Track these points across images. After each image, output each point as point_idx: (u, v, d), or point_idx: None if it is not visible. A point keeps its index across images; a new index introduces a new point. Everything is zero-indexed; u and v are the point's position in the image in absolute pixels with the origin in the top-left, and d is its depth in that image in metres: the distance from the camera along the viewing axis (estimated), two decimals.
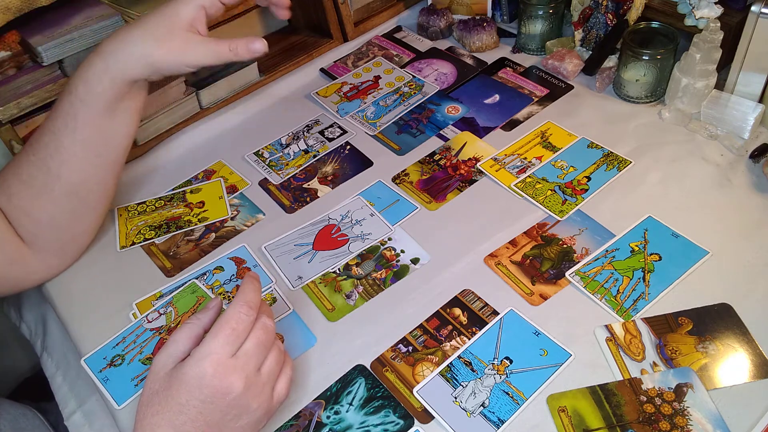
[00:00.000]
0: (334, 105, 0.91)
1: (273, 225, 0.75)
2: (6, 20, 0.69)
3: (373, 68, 0.96)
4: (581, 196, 0.73)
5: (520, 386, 0.56)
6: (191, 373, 0.48)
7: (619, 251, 0.66)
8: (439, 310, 0.64)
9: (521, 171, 0.77)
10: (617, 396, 0.55)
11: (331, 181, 0.80)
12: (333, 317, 0.64)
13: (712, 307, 0.60)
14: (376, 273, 0.68)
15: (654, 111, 0.83)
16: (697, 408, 0.53)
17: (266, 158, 0.84)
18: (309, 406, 0.57)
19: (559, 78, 0.90)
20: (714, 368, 0.56)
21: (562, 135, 0.81)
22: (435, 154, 0.81)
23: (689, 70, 0.77)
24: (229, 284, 0.69)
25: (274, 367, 0.52)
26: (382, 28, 1.05)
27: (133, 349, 0.63)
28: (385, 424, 0.55)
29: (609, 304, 0.62)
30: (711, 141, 0.77)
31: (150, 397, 0.49)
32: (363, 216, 0.74)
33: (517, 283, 0.65)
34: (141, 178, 0.83)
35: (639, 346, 0.58)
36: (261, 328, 0.51)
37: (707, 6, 0.76)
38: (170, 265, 0.72)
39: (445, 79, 0.93)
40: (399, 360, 0.60)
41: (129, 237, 0.75)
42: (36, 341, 0.80)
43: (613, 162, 0.76)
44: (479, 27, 0.96)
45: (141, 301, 0.68)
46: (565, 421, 0.53)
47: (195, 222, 0.76)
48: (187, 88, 0.86)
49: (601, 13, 0.89)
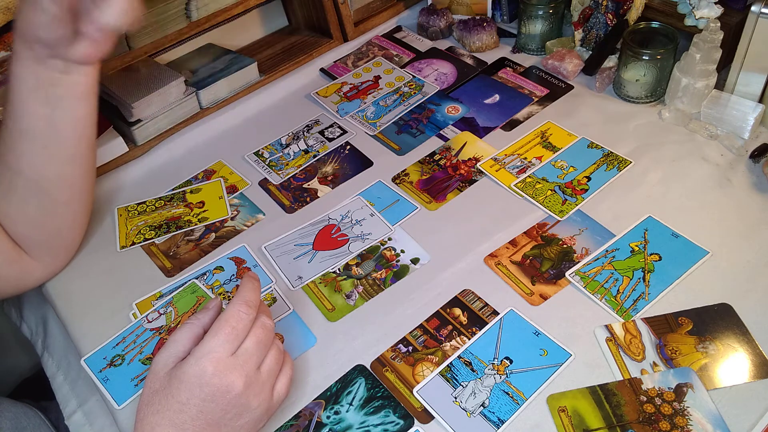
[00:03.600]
0: (334, 105, 0.91)
1: (273, 225, 0.75)
2: (6, 20, 0.69)
3: (373, 68, 0.96)
4: (581, 196, 0.73)
5: (520, 386, 0.56)
6: (191, 372, 0.48)
7: (619, 251, 0.66)
8: (439, 310, 0.64)
9: (521, 171, 0.77)
10: (617, 396, 0.55)
11: (331, 181, 0.80)
12: (333, 317, 0.64)
13: (712, 307, 0.60)
14: (376, 273, 0.68)
15: (654, 111, 0.83)
16: (697, 408, 0.53)
17: (266, 158, 0.84)
18: (309, 406, 0.57)
19: (559, 78, 0.90)
20: (714, 368, 0.56)
21: (562, 135, 0.81)
22: (435, 154, 0.81)
23: (689, 70, 0.77)
24: (229, 284, 0.69)
25: (273, 366, 0.52)
26: (382, 28, 1.05)
27: (133, 349, 0.63)
28: (385, 424, 0.55)
29: (609, 304, 0.62)
30: (711, 141, 0.77)
31: (150, 396, 0.49)
32: (363, 216, 0.74)
33: (517, 283, 0.65)
34: (141, 178, 0.83)
35: (639, 346, 0.58)
36: (260, 327, 0.51)
37: (707, 6, 0.76)
38: (170, 265, 0.72)
39: (445, 79, 0.93)
40: (399, 360, 0.60)
41: (129, 237, 0.75)
42: (37, 341, 0.80)
43: (613, 162, 0.76)
44: (479, 27, 0.96)
45: (141, 301, 0.68)
46: (565, 421, 0.54)
47: (195, 222, 0.76)
48: (187, 88, 0.86)
49: (601, 13, 0.89)
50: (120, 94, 0.82)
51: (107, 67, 0.77)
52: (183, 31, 0.83)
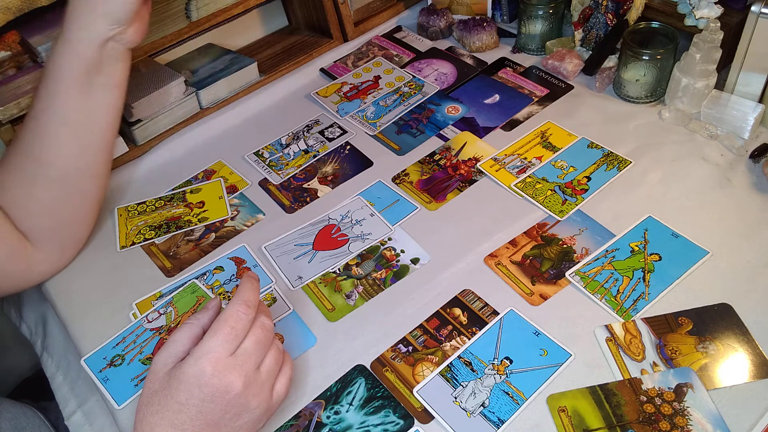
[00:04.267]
0: (334, 105, 0.91)
1: (273, 225, 0.75)
2: (6, 20, 0.70)
3: (373, 68, 0.96)
4: (581, 196, 0.73)
5: (520, 386, 0.56)
6: (190, 372, 0.48)
7: (619, 251, 0.66)
8: (439, 310, 0.64)
9: (521, 171, 0.77)
10: (617, 396, 0.55)
11: (331, 181, 0.80)
12: (333, 317, 0.64)
13: (712, 307, 0.60)
14: (376, 273, 0.68)
15: (654, 111, 0.83)
16: (697, 408, 0.53)
17: (266, 158, 0.84)
18: (309, 406, 0.57)
19: (559, 78, 0.90)
20: (714, 368, 0.56)
21: (562, 135, 0.81)
22: (435, 154, 0.81)
23: (689, 70, 0.77)
24: (229, 284, 0.69)
25: (273, 366, 0.52)
26: (382, 28, 1.05)
27: (133, 349, 0.63)
28: (385, 424, 0.55)
29: (609, 304, 0.62)
30: (711, 141, 0.77)
31: (150, 396, 0.49)
32: (363, 216, 0.74)
33: (517, 283, 0.65)
34: (141, 178, 0.83)
35: (639, 346, 0.58)
36: (259, 327, 0.51)
37: (707, 6, 0.76)
38: (170, 265, 0.72)
39: (445, 79, 0.93)
40: (399, 360, 0.60)
41: (129, 237, 0.75)
42: (36, 341, 0.80)
43: (613, 162, 0.76)
44: (479, 27, 0.96)
45: (141, 301, 0.68)
46: (565, 421, 0.53)
47: (195, 222, 0.76)
48: (187, 88, 0.86)
49: (601, 13, 0.89)
50: None
51: None
52: (183, 31, 0.83)
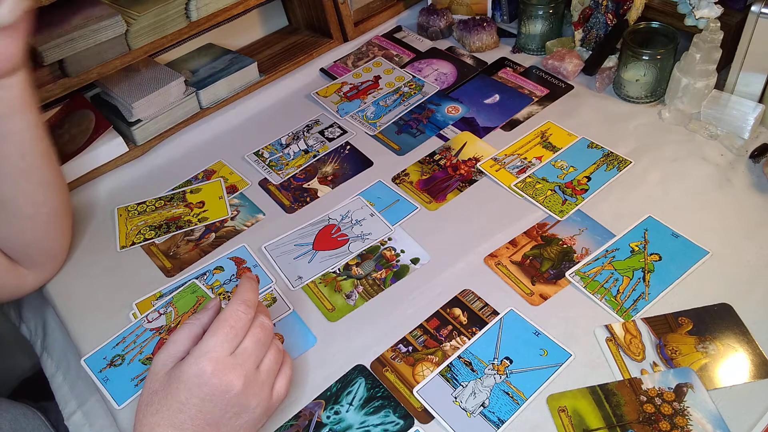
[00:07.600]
0: (334, 105, 0.91)
1: (273, 225, 0.75)
2: None
3: (373, 68, 0.96)
4: (581, 196, 0.73)
5: (520, 386, 0.56)
6: (190, 372, 0.48)
7: (619, 251, 0.66)
8: (439, 310, 0.64)
9: (521, 171, 0.77)
10: (617, 396, 0.55)
11: (331, 181, 0.80)
12: (333, 317, 0.64)
13: (712, 307, 0.60)
14: (376, 273, 0.68)
15: (654, 111, 0.83)
16: (697, 408, 0.53)
17: (266, 158, 0.84)
18: (309, 406, 0.57)
19: (559, 78, 0.90)
20: (714, 368, 0.56)
21: (562, 135, 0.81)
22: (435, 154, 0.81)
23: (689, 70, 0.77)
24: (229, 284, 0.69)
25: (272, 365, 0.52)
26: (382, 28, 1.05)
27: (133, 349, 0.63)
28: (385, 424, 0.55)
29: (609, 304, 0.62)
30: (711, 141, 0.77)
31: (150, 396, 0.49)
32: (363, 216, 0.74)
33: (517, 283, 0.65)
34: (141, 178, 0.83)
35: (639, 346, 0.58)
36: (259, 327, 0.51)
37: (707, 6, 0.76)
38: (170, 265, 0.72)
39: (445, 79, 0.93)
40: (399, 360, 0.60)
41: (129, 237, 0.75)
42: (36, 341, 0.80)
43: (613, 162, 0.76)
44: (479, 27, 0.96)
45: (141, 301, 0.68)
46: (565, 421, 0.53)
47: (195, 222, 0.76)
48: (187, 88, 0.86)
49: (601, 13, 0.89)
50: (120, 94, 0.82)
51: (107, 67, 0.77)
52: (183, 31, 0.83)
